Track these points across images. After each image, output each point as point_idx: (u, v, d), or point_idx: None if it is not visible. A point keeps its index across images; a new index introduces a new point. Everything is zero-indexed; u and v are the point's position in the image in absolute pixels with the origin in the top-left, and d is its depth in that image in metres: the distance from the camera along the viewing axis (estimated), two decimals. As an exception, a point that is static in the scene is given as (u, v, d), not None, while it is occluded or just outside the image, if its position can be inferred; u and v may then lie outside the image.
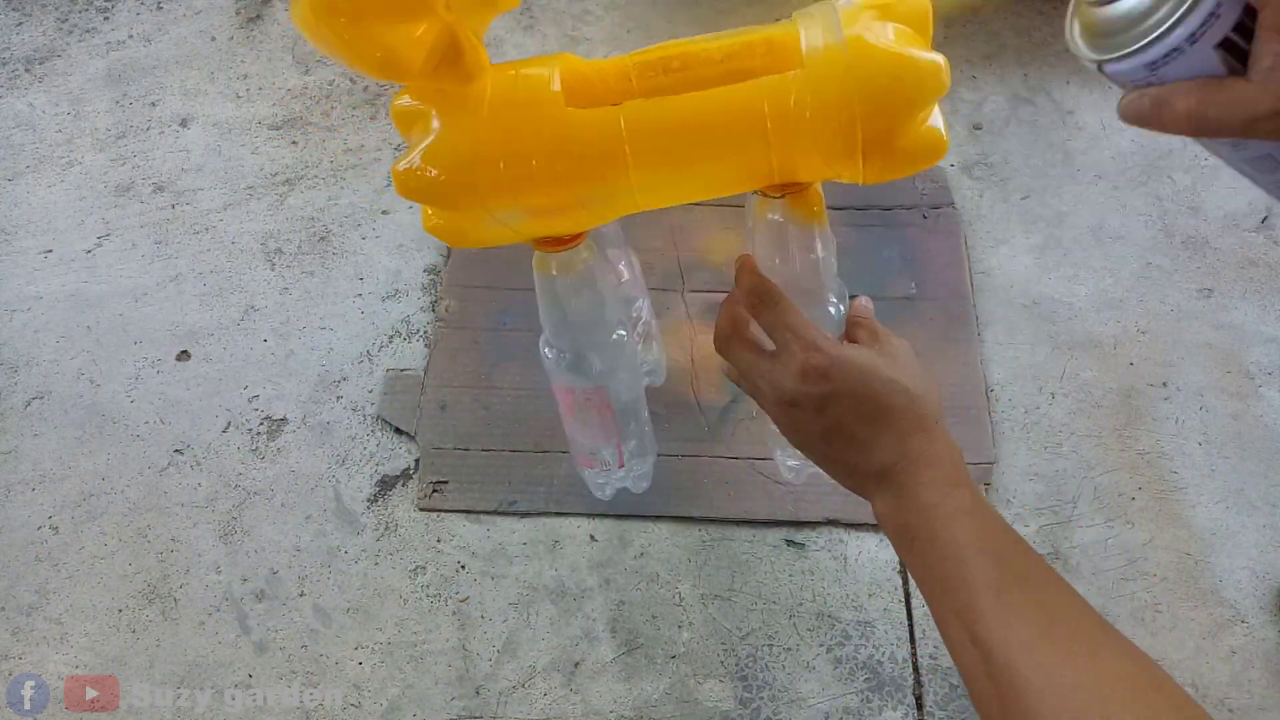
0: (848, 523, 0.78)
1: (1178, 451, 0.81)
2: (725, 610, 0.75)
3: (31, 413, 0.87)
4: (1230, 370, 0.85)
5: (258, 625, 0.76)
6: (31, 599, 0.78)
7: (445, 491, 0.81)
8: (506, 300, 0.91)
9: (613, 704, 0.72)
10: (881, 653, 0.73)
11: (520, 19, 1.13)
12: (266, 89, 1.09)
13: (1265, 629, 0.73)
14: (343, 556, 0.79)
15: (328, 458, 0.84)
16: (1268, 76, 0.30)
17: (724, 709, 0.71)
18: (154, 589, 0.78)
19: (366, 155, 1.03)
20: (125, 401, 0.88)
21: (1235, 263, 0.91)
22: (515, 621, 0.76)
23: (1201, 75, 0.31)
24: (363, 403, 0.86)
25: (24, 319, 0.93)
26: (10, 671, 0.75)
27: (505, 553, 0.78)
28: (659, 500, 0.79)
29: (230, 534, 0.80)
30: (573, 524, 0.79)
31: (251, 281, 0.95)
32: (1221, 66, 0.31)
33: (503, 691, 0.73)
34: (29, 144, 1.06)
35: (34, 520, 0.82)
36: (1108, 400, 0.83)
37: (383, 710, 0.72)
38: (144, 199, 1.01)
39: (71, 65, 1.12)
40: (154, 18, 1.16)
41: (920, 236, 0.92)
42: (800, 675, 0.72)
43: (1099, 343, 0.87)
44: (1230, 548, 0.76)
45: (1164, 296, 0.89)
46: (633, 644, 0.74)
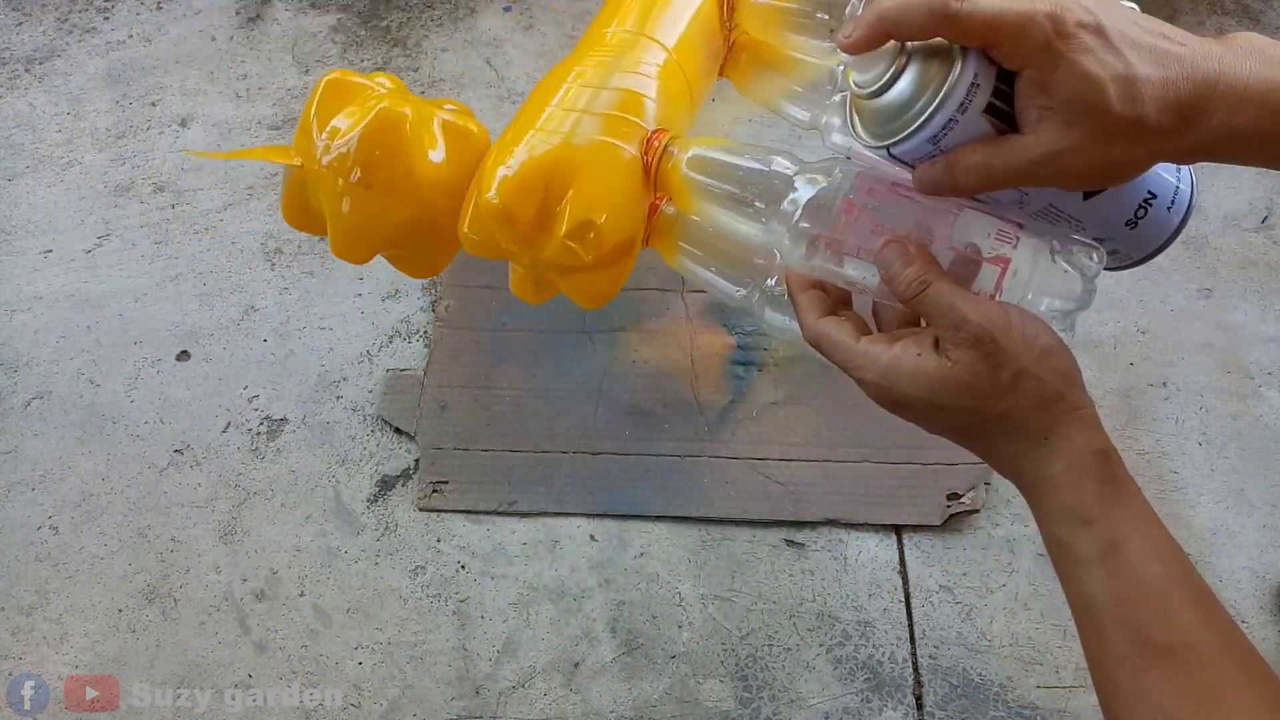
0: (848, 523, 0.78)
1: (1178, 451, 0.81)
2: (725, 610, 0.75)
3: (31, 413, 0.87)
4: (1230, 370, 0.85)
5: (258, 625, 0.76)
6: (31, 599, 0.78)
7: (445, 491, 0.81)
8: (506, 300, 0.90)
9: (613, 704, 0.72)
10: (881, 653, 0.73)
11: (520, 19, 1.13)
12: (266, 89, 1.09)
13: (1265, 629, 0.73)
14: (343, 556, 0.79)
15: (328, 458, 0.84)
16: (1037, 128, 0.33)
17: (724, 709, 0.71)
18: (154, 589, 0.78)
19: (366, 155, 1.03)
20: (125, 401, 0.88)
21: (1235, 263, 0.91)
22: (515, 621, 0.76)
23: (978, 138, 0.35)
24: (363, 403, 0.86)
25: (24, 319, 0.93)
26: (10, 671, 0.75)
27: (505, 553, 0.78)
28: (659, 500, 0.79)
29: (230, 534, 0.80)
30: (573, 524, 0.79)
31: (251, 281, 0.94)
32: (992, 129, 0.35)
33: (503, 691, 0.73)
34: (29, 144, 1.06)
35: (34, 520, 0.82)
36: (1108, 400, 0.83)
37: (383, 710, 0.72)
38: (144, 199, 1.01)
39: (71, 65, 1.12)
40: (154, 18, 1.16)
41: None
42: (800, 675, 0.72)
43: (1099, 343, 0.87)
44: (1230, 548, 0.76)
45: (1164, 296, 0.89)
46: (633, 644, 0.74)
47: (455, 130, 0.50)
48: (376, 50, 1.10)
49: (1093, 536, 0.35)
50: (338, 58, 1.10)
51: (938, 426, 0.40)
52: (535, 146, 0.47)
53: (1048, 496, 0.37)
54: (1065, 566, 0.36)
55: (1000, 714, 0.71)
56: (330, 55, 1.10)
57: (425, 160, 0.49)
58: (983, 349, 0.36)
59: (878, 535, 0.78)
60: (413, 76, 1.07)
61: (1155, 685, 0.33)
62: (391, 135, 0.48)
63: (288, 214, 0.53)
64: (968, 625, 0.74)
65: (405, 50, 1.10)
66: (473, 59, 1.10)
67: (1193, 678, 0.33)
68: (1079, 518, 0.36)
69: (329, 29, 1.12)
